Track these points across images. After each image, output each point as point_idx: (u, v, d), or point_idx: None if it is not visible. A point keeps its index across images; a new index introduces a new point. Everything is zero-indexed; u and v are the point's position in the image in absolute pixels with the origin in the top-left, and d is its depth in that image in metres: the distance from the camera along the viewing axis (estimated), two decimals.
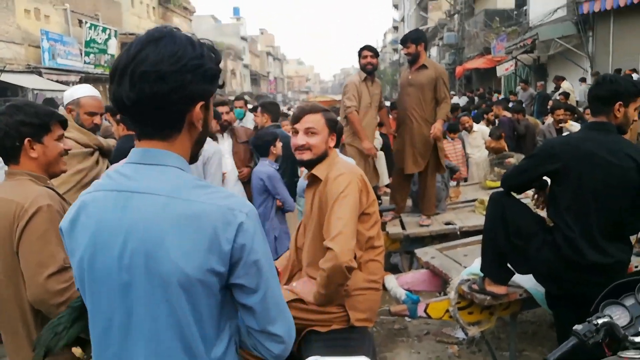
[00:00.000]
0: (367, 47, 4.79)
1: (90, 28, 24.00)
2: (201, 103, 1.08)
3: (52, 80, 20.72)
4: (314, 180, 2.31)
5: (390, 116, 7.12)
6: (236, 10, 61.51)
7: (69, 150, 2.04)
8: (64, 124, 2.01)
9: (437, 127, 4.41)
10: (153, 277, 1.03)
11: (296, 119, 2.31)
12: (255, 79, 57.97)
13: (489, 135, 6.50)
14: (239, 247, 1.05)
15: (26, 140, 1.88)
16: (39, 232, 1.76)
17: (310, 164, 2.29)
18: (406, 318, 3.31)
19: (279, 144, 3.96)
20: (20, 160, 1.90)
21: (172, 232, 1.02)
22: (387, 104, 11.82)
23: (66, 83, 21.44)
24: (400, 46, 5.53)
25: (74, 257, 1.12)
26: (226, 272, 1.07)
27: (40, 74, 20.48)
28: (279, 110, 5.14)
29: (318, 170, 2.25)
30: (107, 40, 25.07)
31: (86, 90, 2.97)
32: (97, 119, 2.92)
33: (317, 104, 2.46)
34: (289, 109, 21.65)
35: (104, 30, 25.07)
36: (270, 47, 71.64)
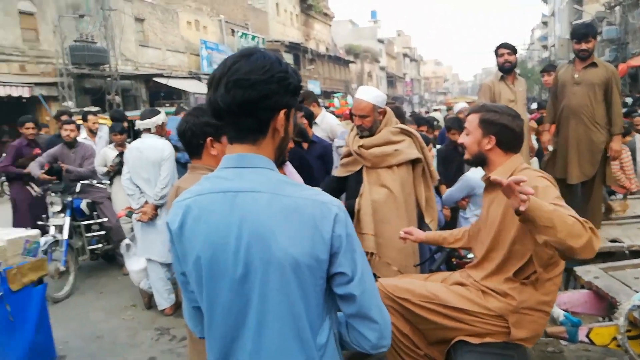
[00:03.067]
0: (504, 45, 4.60)
1: (241, 37, 26.19)
2: (284, 111, 1.20)
3: None
4: (491, 184, 2.21)
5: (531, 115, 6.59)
6: (373, 14, 62.14)
7: None
8: None
9: (615, 148, 3.99)
10: (268, 265, 1.14)
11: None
12: (391, 80, 57.96)
13: None
14: (337, 236, 1.16)
15: (208, 139, 2.14)
16: None
17: (471, 164, 2.27)
18: (562, 341, 3.06)
19: None
20: (202, 156, 2.18)
21: (279, 223, 1.14)
22: (534, 105, 10.94)
23: None
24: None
25: (188, 259, 1.22)
26: (328, 261, 1.16)
27: (199, 79, 22.83)
28: (404, 115, 5.05)
29: (496, 174, 2.14)
30: None
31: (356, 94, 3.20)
32: (356, 120, 3.11)
33: (486, 104, 2.38)
34: (426, 112, 21.35)
35: (253, 38, 27.12)
36: (407, 49, 71.04)
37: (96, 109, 15.48)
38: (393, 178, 3.07)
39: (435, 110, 23.54)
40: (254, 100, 1.15)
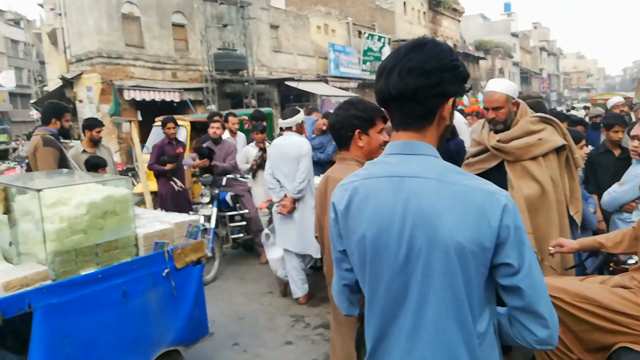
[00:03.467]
0: None
1: (367, 38, 26.40)
2: (452, 99, 1.22)
3: (335, 86, 23.57)
4: None
5: None
6: (507, 6, 58.56)
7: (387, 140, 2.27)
8: (384, 119, 2.28)
9: None
10: (433, 247, 1.15)
11: None
12: (525, 77, 54.17)
13: None
14: (505, 227, 1.14)
15: (356, 131, 2.22)
16: None
17: None
18: None
19: None
20: (350, 148, 2.27)
21: (446, 208, 1.15)
22: None
23: (346, 89, 24.14)
24: None
25: (352, 237, 1.28)
26: (492, 250, 1.15)
27: (326, 82, 23.54)
28: (546, 110, 4.61)
29: None
30: (381, 48, 27.11)
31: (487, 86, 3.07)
32: (489, 114, 2.96)
33: None
34: (567, 110, 19.53)
35: (379, 39, 27.19)
36: (545, 42, 65.83)
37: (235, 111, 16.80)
38: (540, 169, 2.90)
39: (573, 107, 21.45)
40: (426, 88, 1.19)
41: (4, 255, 2.70)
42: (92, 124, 5.47)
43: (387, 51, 27.39)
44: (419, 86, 1.19)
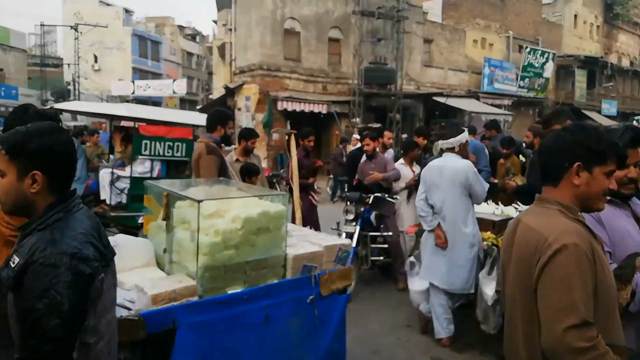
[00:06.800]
0: None
1: (529, 53, 24.47)
2: None
3: (487, 103, 22.23)
4: None
5: None
6: None
7: (614, 189, 1.75)
8: (621, 160, 1.74)
9: None
10: None
11: None
12: None
13: None
14: None
15: (576, 163, 1.70)
16: (561, 274, 1.56)
17: None
18: None
19: None
20: (559, 185, 1.74)
21: None
22: None
23: (499, 106, 22.62)
24: None
25: None
26: None
27: (477, 98, 22.33)
28: None
29: None
30: (544, 64, 24.94)
31: None
32: None
33: None
34: None
35: (543, 54, 25.04)
36: None
37: (378, 125, 16.68)
38: None
39: None
40: None
41: (157, 260, 2.75)
42: (249, 134, 5.62)
43: (549, 67, 25.13)
44: None
